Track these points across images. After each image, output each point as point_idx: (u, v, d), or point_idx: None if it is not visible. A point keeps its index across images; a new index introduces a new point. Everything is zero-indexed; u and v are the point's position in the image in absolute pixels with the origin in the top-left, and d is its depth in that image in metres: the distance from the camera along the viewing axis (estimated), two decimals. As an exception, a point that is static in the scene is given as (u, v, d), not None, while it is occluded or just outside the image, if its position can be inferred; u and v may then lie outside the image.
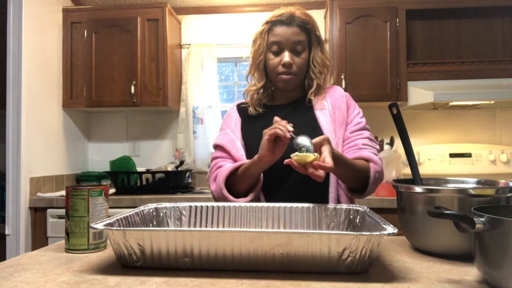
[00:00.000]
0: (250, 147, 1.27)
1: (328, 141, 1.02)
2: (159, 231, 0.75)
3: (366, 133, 1.27)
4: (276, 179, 1.23)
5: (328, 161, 0.97)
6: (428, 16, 2.77)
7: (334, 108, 1.28)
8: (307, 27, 1.27)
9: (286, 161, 1.01)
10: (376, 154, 1.22)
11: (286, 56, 1.24)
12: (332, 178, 1.22)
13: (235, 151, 1.25)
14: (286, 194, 1.21)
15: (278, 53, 1.26)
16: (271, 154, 1.08)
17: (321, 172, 0.97)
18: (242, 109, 1.37)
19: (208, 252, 0.74)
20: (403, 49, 2.64)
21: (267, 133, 1.07)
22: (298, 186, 1.21)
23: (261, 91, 1.36)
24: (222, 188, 1.18)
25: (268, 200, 1.21)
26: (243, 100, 1.41)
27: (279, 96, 1.36)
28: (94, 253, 0.91)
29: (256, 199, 1.21)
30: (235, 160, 1.25)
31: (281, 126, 1.05)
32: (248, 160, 1.17)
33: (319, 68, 1.30)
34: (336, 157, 1.05)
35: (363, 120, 1.30)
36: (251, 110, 1.34)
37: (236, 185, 1.20)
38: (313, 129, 1.24)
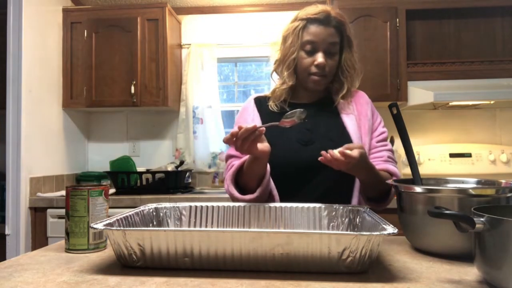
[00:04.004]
0: (269, 142, 1.20)
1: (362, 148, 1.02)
2: (159, 231, 0.75)
3: (389, 145, 1.27)
4: (299, 180, 1.19)
5: (355, 153, 0.98)
6: (428, 16, 2.77)
7: (360, 114, 1.26)
8: (342, 28, 1.23)
9: (321, 158, 0.99)
10: (397, 168, 1.22)
11: (320, 57, 1.20)
12: (357, 183, 1.20)
13: None
14: (308, 195, 1.16)
15: (311, 53, 1.21)
16: (260, 150, 1.04)
17: (342, 159, 0.97)
18: (260, 103, 1.32)
19: (208, 252, 0.74)
20: (403, 49, 2.64)
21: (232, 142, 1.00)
22: (322, 188, 1.18)
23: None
24: (229, 185, 1.17)
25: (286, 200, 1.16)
26: (259, 94, 1.37)
27: (302, 94, 1.31)
28: (94, 253, 0.91)
29: (266, 196, 1.17)
30: None
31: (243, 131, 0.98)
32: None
33: (349, 71, 1.26)
34: (366, 161, 1.05)
35: (386, 129, 1.29)
36: (272, 106, 1.29)
37: (245, 182, 1.17)
38: (341, 133, 1.22)
